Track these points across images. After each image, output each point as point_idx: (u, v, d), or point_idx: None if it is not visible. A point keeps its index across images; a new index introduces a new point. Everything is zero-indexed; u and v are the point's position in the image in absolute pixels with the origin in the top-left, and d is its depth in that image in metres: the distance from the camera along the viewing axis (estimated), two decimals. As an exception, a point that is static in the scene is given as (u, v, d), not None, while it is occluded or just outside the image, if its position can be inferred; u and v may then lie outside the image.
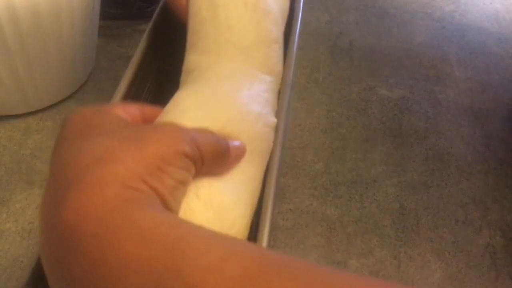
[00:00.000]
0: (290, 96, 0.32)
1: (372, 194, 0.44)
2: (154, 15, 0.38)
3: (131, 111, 0.25)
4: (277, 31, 0.34)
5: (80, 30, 0.47)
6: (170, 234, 0.18)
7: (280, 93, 0.32)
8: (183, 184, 0.22)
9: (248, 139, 0.28)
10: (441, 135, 0.49)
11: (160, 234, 0.18)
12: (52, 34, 0.44)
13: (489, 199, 0.44)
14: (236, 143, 0.26)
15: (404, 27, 0.61)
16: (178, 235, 0.18)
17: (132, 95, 0.34)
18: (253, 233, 0.27)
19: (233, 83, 0.30)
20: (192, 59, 0.32)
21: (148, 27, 0.36)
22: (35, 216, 0.42)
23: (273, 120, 0.30)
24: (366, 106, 0.51)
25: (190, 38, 0.33)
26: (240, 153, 0.27)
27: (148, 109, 0.27)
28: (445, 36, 0.60)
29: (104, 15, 0.58)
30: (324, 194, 0.44)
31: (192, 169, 0.23)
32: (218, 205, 0.25)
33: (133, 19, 0.61)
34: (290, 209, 0.42)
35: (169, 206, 0.21)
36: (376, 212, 0.43)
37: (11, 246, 0.40)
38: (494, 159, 0.47)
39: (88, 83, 0.54)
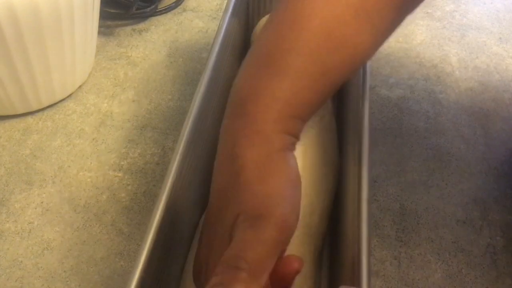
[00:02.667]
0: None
1: (373, 194, 0.44)
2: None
3: None
4: None
5: (79, 30, 0.47)
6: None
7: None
8: None
9: None
10: (442, 135, 0.49)
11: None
12: (52, 34, 0.44)
13: (490, 199, 0.44)
14: None
15: (404, 26, 0.61)
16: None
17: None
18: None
19: None
20: None
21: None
22: (35, 216, 0.42)
23: None
24: (366, 106, 0.51)
25: None
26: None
27: None
28: (446, 36, 0.60)
29: (104, 15, 0.58)
30: (324, 194, 0.43)
31: None
32: None
33: (133, 19, 0.61)
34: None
35: None
36: (376, 212, 0.43)
37: (11, 246, 0.40)
38: (495, 159, 0.47)
39: (88, 83, 0.54)
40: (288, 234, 0.25)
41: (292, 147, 0.28)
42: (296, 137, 0.29)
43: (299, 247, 0.34)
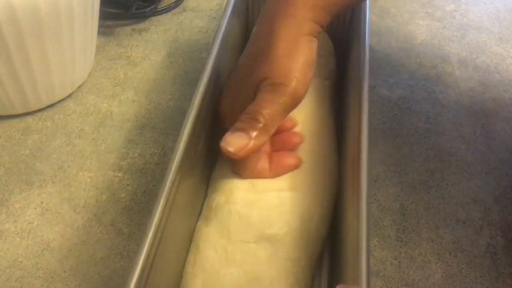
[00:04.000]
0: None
1: (373, 194, 0.44)
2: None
3: None
4: None
5: (79, 30, 0.47)
6: None
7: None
8: None
9: None
10: (442, 135, 0.49)
11: None
12: (51, 34, 0.44)
13: (490, 199, 0.44)
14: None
15: (405, 26, 0.61)
16: None
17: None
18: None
19: None
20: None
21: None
22: (34, 216, 0.42)
23: None
24: (367, 106, 0.51)
25: None
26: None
27: None
28: (446, 36, 0.60)
29: (104, 15, 0.58)
30: (324, 194, 0.43)
31: None
32: None
33: (133, 19, 0.61)
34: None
35: None
36: (376, 212, 0.43)
37: (10, 246, 0.40)
38: (495, 159, 0.47)
39: (88, 83, 0.54)
40: (296, 102, 0.34)
41: (316, 34, 0.35)
42: (322, 27, 0.36)
43: (295, 250, 0.33)
